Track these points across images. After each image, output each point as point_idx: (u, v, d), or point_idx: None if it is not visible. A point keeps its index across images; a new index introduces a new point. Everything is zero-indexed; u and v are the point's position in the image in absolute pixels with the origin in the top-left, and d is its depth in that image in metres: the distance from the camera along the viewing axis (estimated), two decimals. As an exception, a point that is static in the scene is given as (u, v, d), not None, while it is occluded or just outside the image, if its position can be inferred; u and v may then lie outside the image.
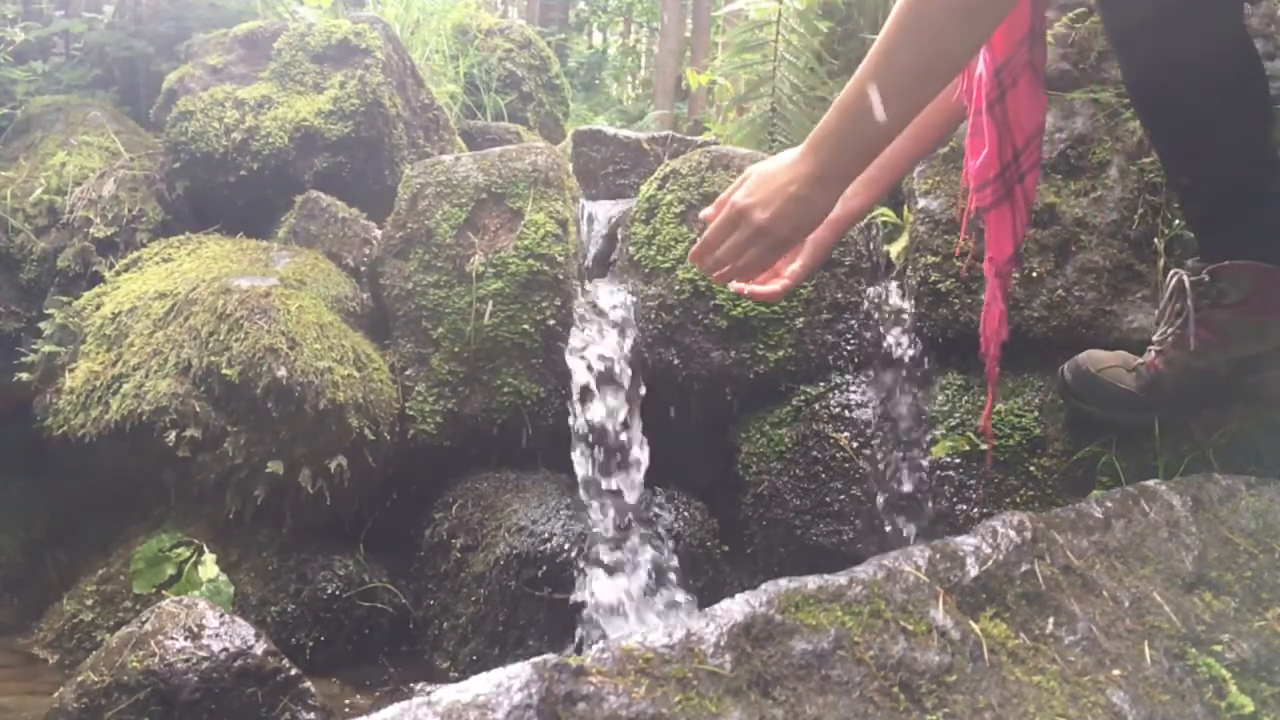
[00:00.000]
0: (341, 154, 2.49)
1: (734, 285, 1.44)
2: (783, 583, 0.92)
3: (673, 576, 1.85)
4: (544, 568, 1.84)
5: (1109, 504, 1.15)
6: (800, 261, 1.51)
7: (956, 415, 1.84)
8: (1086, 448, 1.70)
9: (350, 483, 1.92)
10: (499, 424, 2.06)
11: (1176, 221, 1.72)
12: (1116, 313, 1.75)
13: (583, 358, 2.02)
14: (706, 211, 1.33)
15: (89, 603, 1.92)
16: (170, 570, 1.87)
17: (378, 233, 2.35)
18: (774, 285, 1.50)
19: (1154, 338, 1.57)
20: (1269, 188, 1.42)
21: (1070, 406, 1.71)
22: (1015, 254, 1.44)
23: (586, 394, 2.00)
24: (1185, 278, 1.47)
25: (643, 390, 2.02)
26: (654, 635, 0.84)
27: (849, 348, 2.00)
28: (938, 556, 1.01)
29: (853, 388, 1.96)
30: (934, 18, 1.13)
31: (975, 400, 1.84)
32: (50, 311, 2.18)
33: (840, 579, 0.95)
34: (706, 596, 1.88)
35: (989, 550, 1.03)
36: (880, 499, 1.87)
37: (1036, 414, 1.77)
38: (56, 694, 1.42)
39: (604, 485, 1.97)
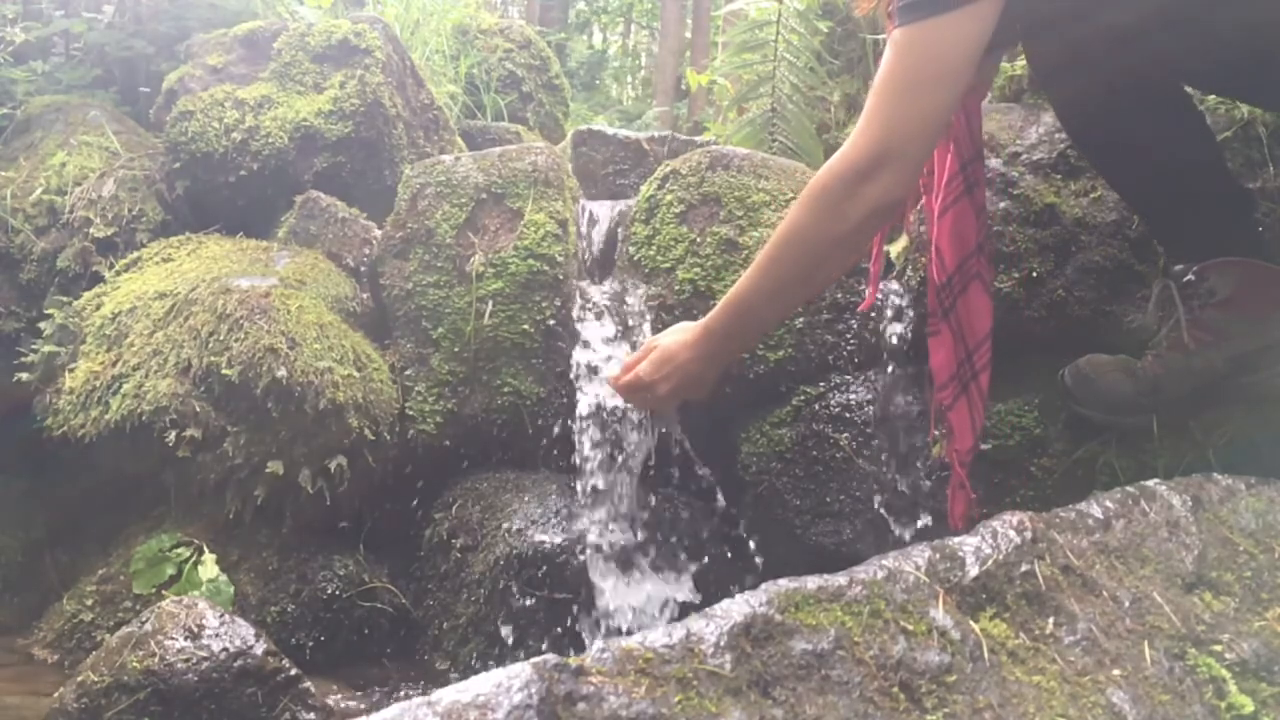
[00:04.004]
0: (341, 154, 2.49)
1: None
2: (783, 583, 0.92)
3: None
4: (544, 568, 1.84)
5: (1109, 504, 1.15)
6: None
7: (956, 415, 1.84)
8: (1086, 448, 1.70)
9: (350, 483, 1.92)
10: (499, 424, 2.06)
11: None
12: (1116, 313, 1.75)
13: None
14: (614, 373, 1.61)
15: (89, 603, 1.92)
16: (170, 570, 1.87)
17: (378, 233, 2.35)
18: None
19: (1151, 341, 1.58)
20: (1212, 190, 1.45)
21: (1071, 410, 1.71)
22: (975, 444, 1.60)
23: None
24: (1172, 285, 1.49)
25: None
26: (654, 635, 0.84)
27: (849, 348, 2.00)
28: (938, 556, 1.01)
29: (853, 388, 1.96)
30: (810, 245, 1.33)
31: (975, 400, 1.83)
32: (50, 311, 2.18)
33: (840, 579, 0.95)
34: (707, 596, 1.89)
35: (989, 550, 1.03)
36: (880, 499, 1.87)
37: (1036, 414, 1.77)
38: (56, 694, 1.42)
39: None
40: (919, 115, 1.25)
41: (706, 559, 1.96)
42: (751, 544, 1.97)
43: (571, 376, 2.02)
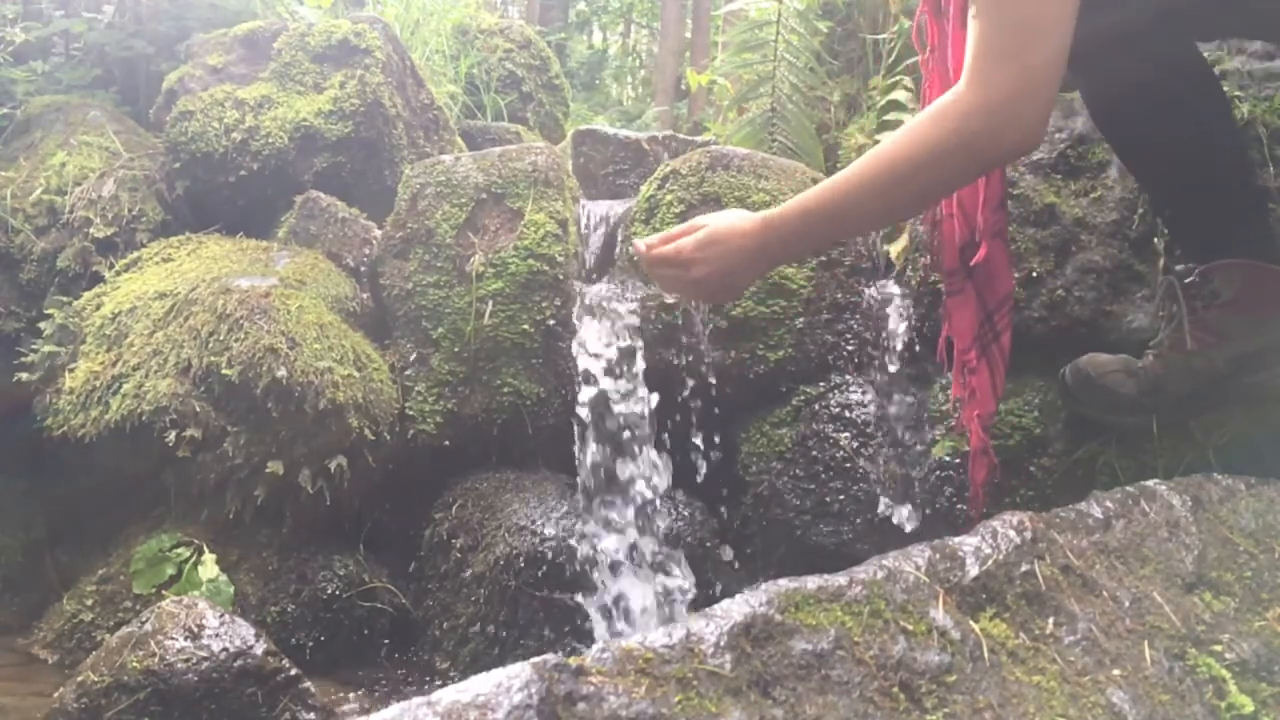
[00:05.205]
0: (341, 154, 2.49)
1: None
2: (783, 583, 0.92)
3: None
4: (544, 568, 1.84)
5: (1109, 504, 1.15)
6: None
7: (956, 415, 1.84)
8: (1086, 448, 1.70)
9: (350, 483, 1.92)
10: (499, 424, 2.06)
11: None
12: (1116, 313, 1.75)
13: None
14: (651, 239, 1.43)
15: (89, 603, 1.92)
16: (170, 570, 1.87)
17: (378, 233, 2.35)
18: None
19: (1152, 341, 1.58)
20: (1236, 187, 1.44)
21: (1071, 409, 1.71)
22: (996, 408, 1.57)
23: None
24: (1176, 281, 1.49)
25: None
26: (654, 635, 0.84)
27: (849, 348, 2.00)
28: (938, 556, 1.01)
29: (853, 388, 1.96)
30: (936, 169, 1.20)
31: (975, 400, 1.83)
32: (50, 311, 2.18)
33: (840, 579, 0.94)
34: (706, 597, 1.89)
35: (989, 550, 1.03)
36: (880, 499, 1.87)
37: (1036, 414, 1.77)
38: (56, 694, 1.43)
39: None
40: (1041, 62, 1.17)
41: (707, 559, 1.96)
42: (751, 544, 1.98)
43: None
